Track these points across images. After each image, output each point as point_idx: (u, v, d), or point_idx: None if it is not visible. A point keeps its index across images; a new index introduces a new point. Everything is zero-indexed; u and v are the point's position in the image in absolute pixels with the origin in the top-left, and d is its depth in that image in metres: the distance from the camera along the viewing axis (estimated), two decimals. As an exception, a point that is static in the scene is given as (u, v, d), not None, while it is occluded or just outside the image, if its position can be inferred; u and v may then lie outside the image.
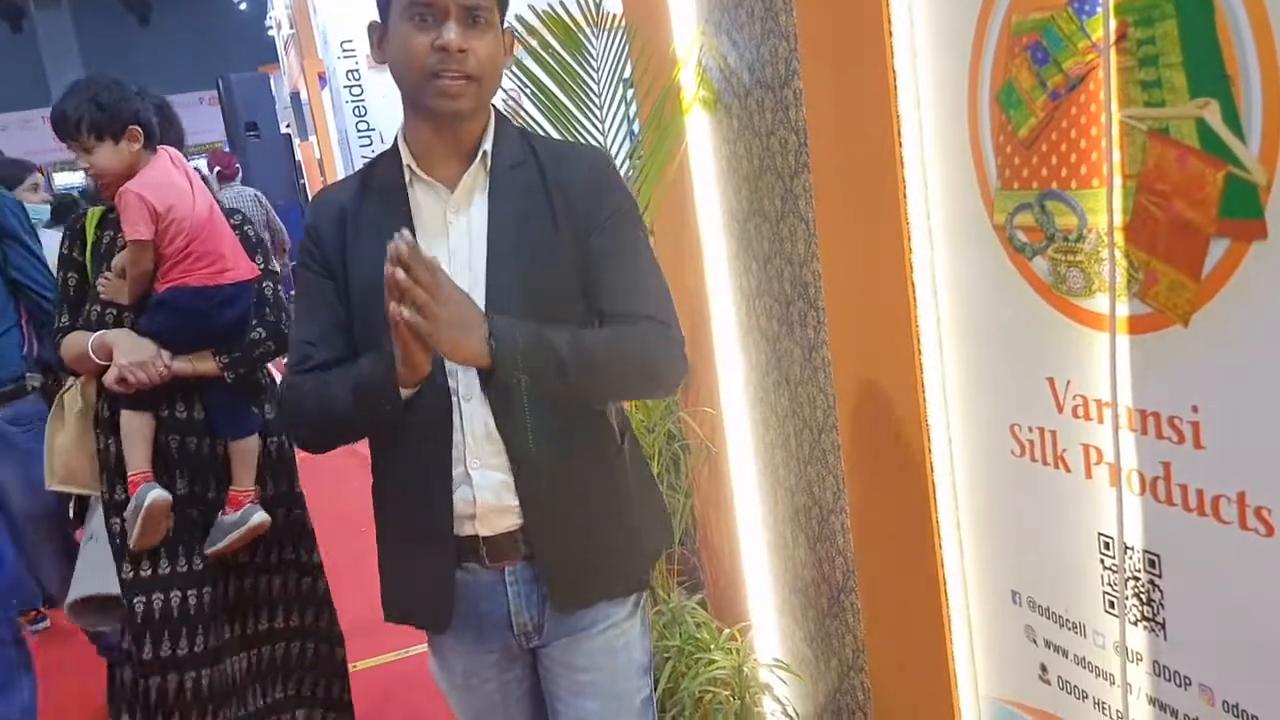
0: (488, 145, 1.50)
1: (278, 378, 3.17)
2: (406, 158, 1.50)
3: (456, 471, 1.49)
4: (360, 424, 1.51)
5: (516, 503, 1.49)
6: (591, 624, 1.59)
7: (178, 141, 2.50)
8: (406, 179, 1.50)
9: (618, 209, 1.53)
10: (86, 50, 22.31)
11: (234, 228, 2.47)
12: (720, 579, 2.66)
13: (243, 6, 18.59)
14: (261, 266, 2.49)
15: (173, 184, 2.34)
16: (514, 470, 1.48)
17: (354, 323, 1.51)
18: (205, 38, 21.57)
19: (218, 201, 2.63)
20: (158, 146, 2.41)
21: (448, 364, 1.46)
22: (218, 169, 8.18)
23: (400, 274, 1.28)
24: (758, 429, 2.34)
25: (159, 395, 2.38)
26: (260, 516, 2.45)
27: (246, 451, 2.47)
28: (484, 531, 1.50)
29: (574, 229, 1.49)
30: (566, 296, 1.50)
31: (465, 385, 1.48)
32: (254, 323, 2.45)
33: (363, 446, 1.58)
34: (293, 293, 1.68)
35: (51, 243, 3.50)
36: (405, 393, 1.43)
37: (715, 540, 2.62)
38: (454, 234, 1.49)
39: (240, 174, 8.55)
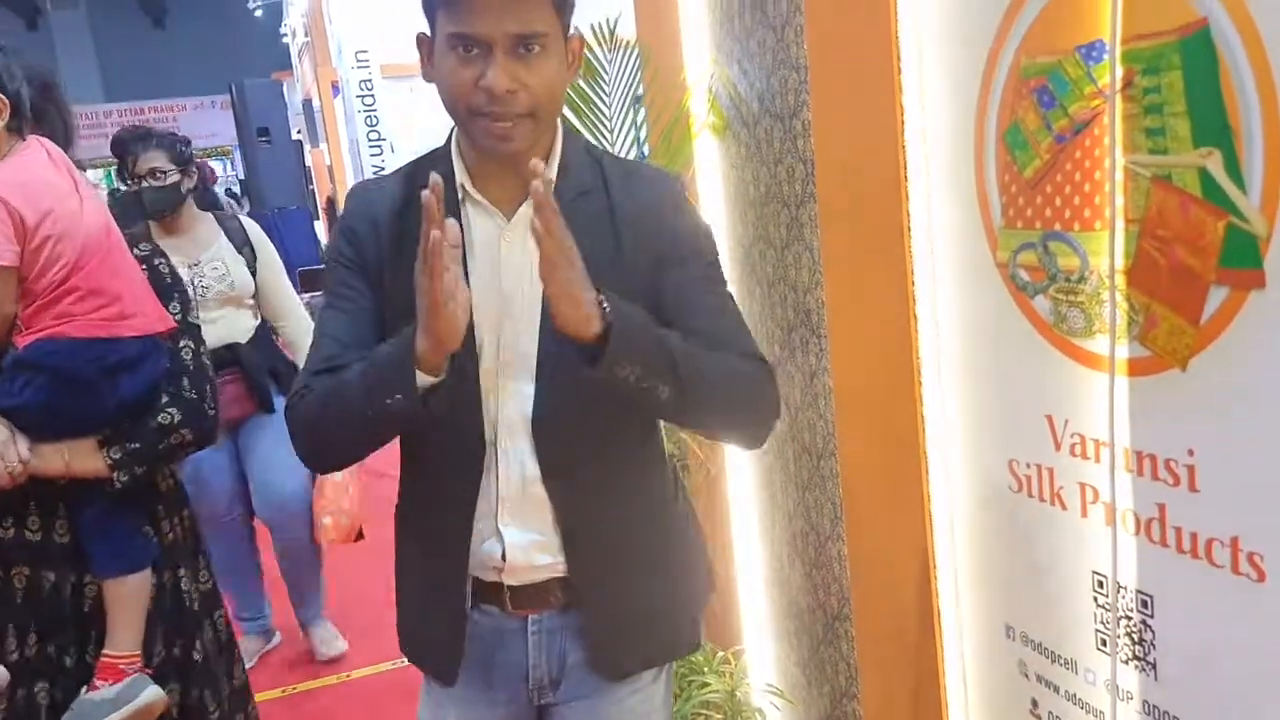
0: (552, 174, 1.32)
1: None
2: (460, 174, 1.32)
3: (483, 525, 1.36)
4: (368, 423, 1.26)
5: (549, 560, 1.37)
6: (616, 687, 1.44)
7: (65, 139, 1.78)
8: (459, 196, 1.32)
9: (695, 240, 1.37)
10: (101, 51, 22.46)
11: (140, 260, 1.75)
12: (715, 601, 2.67)
13: (258, 13, 18.68)
14: (178, 317, 1.77)
15: (49, 185, 1.62)
16: (560, 529, 1.35)
17: None
18: (220, 42, 21.70)
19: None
20: (30, 136, 1.68)
21: (485, 409, 1.31)
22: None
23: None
24: (756, 452, 2.35)
25: (2, 505, 1.63)
26: (151, 693, 1.68)
27: (131, 597, 1.70)
28: (511, 581, 1.39)
29: (645, 265, 1.32)
30: None
31: (506, 431, 1.32)
32: (163, 399, 1.72)
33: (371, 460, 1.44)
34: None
35: None
36: (423, 380, 1.20)
37: (712, 561, 2.62)
38: (507, 268, 1.31)
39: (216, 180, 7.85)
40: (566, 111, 2.30)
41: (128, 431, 1.68)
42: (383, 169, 8.82)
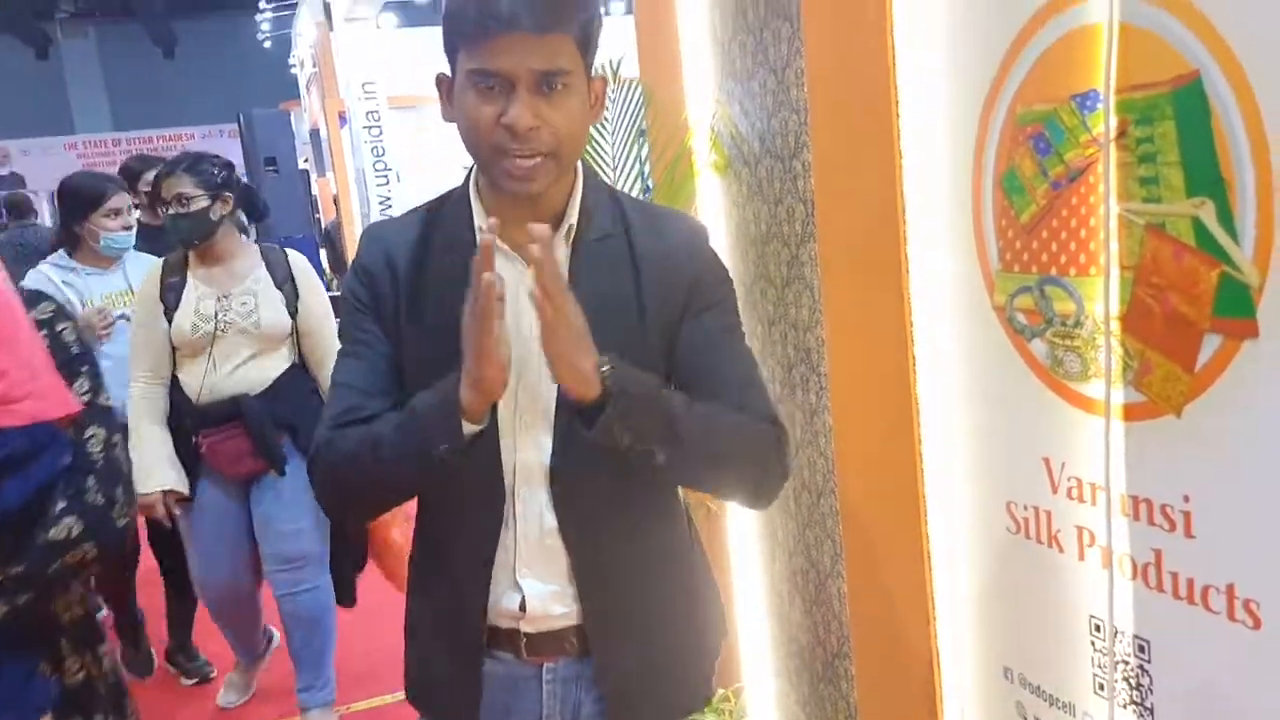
0: (573, 219, 1.30)
1: None
2: (479, 217, 1.30)
3: (501, 575, 1.34)
4: (405, 475, 1.27)
5: (567, 610, 1.35)
6: None
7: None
8: (478, 239, 1.24)
9: (716, 293, 1.35)
10: (111, 80, 22.63)
11: (38, 324, 1.35)
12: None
13: (267, 44, 18.84)
14: (87, 398, 1.36)
15: None
16: (576, 580, 1.33)
17: (409, 388, 1.29)
18: (229, 72, 21.85)
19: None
20: None
21: (504, 458, 1.29)
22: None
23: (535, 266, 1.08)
24: (758, 490, 2.35)
25: None
26: None
27: None
28: (528, 629, 1.36)
29: (664, 316, 1.30)
30: None
31: (524, 480, 1.30)
32: (59, 505, 1.28)
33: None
34: None
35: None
36: (469, 429, 1.19)
37: (724, 610, 2.62)
38: (527, 315, 1.24)
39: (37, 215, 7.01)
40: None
41: (9, 549, 1.26)
42: (388, 198, 8.87)
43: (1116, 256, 1.18)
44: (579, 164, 1.33)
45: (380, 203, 8.89)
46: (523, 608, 1.34)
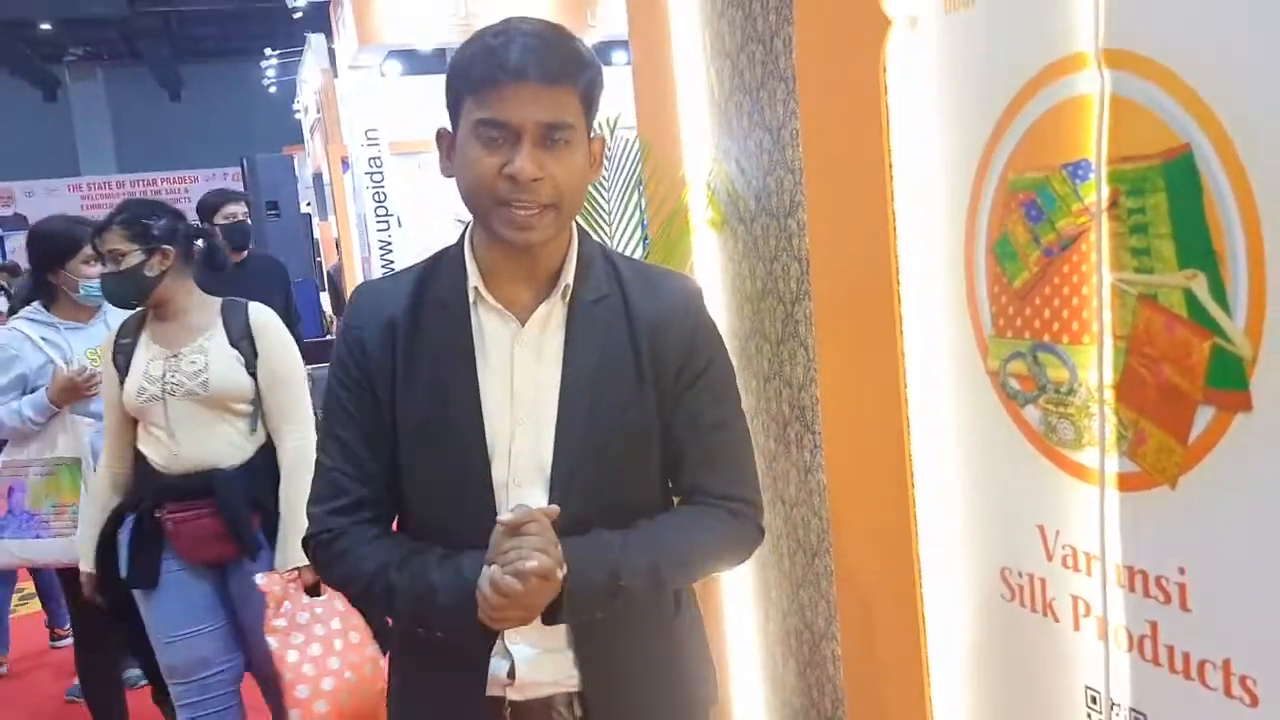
0: (569, 278, 1.31)
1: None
2: (474, 276, 1.30)
3: (491, 640, 1.33)
4: (412, 619, 1.34)
5: (556, 676, 1.35)
6: None
7: None
8: (471, 299, 1.30)
9: (712, 361, 1.37)
10: (118, 122, 22.84)
11: None
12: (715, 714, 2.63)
13: (272, 89, 19.04)
14: None
15: None
16: (575, 642, 1.34)
17: (400, 455, 1.32)
18: (234, 116, 22.06)
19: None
20: None
21: (507, 505, 1.29)
22: None
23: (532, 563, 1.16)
24: (753, 547, 2.34)
25: None
26: None
27: None
28: (514, 697, 1.35)
29: (661, 375, 1.32)
30: (642, 460, 1.35)
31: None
32: None
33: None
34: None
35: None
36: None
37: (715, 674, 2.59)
38: (519, 373, 1.29)
39: None
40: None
41: None
42: (389, 243, 8.90)
43: (1110, 325, 1.18)
44: (574, 225, 1.34)
45: (380, 247, 8.92)
46: (511, 674, 1.34)
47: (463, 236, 1.34)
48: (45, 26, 18.73)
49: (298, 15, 13.41)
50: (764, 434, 2.17)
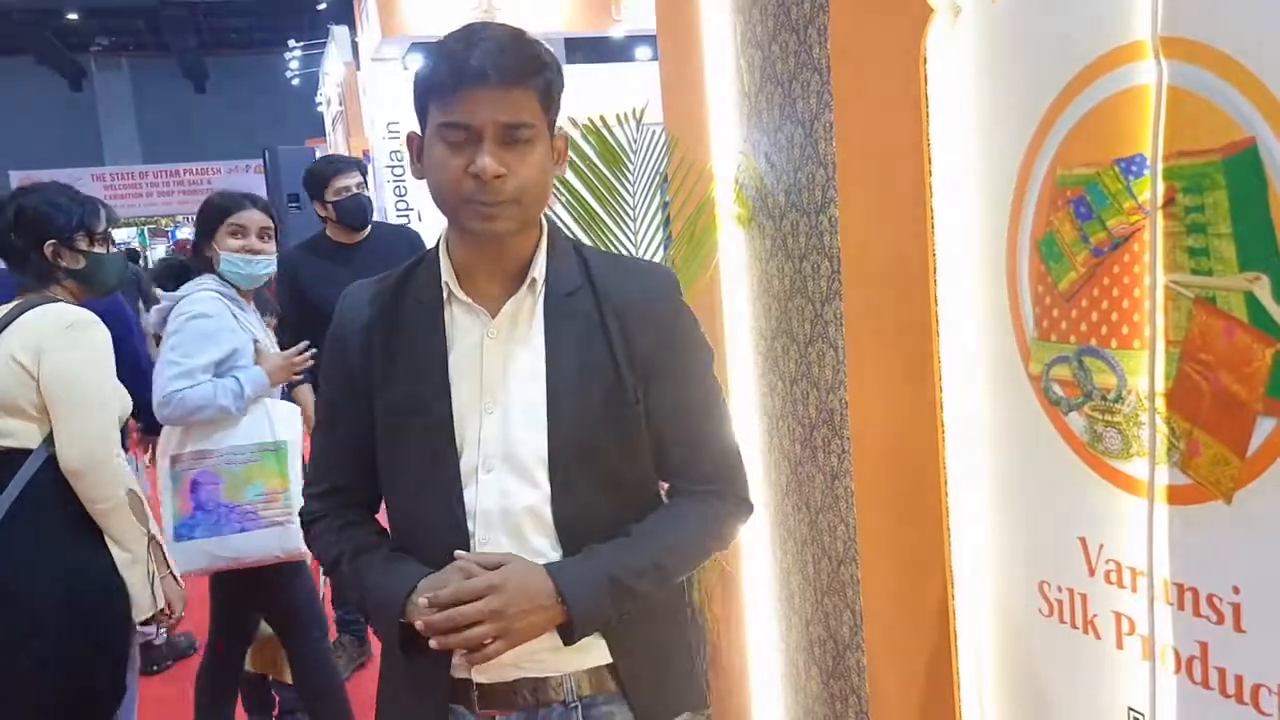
0: (538, 271, 1.38)
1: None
2: (446, 273, 1.38)
3: None
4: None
5: (520, 658, 1.36)
6: None
7: None
8: (444, 296, 1.38)
9: (686, 348, 1.42)
10: (142, 113, 23.00)
11: None
12: (729, 703, 2.58)
13: (295, 81, 19.09)
14: None
15: None
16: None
17: (378, 446, 1.41)
18: (257, 108, 22.17)
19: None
20: None
21: (466, 500, 1.35)
22: None
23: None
24: (775, 552, 2.28)
25: None
26: None
27: None
28: (480, 679, 1.39)
29: (636, 369, 1.37)
30: (631, 443, 1.39)
31: (484, 524, 1.35)
32: None
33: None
34: None
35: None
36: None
37: (725, 661, 2.54)
38: (488, 364, 1.37)
39: None
40: (591, 201, 2.29)
41: None
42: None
43: (1162, 330, 1.12)
44: (544, 220, 1.41)
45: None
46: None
47: (439, 239, 1.42)
48: (72, 16, 18.86)
49: (321, 7, 13.44)
50: (789, 437, 2.12)
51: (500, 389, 1.36)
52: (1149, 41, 1.10)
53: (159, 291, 2.84)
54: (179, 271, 3.13)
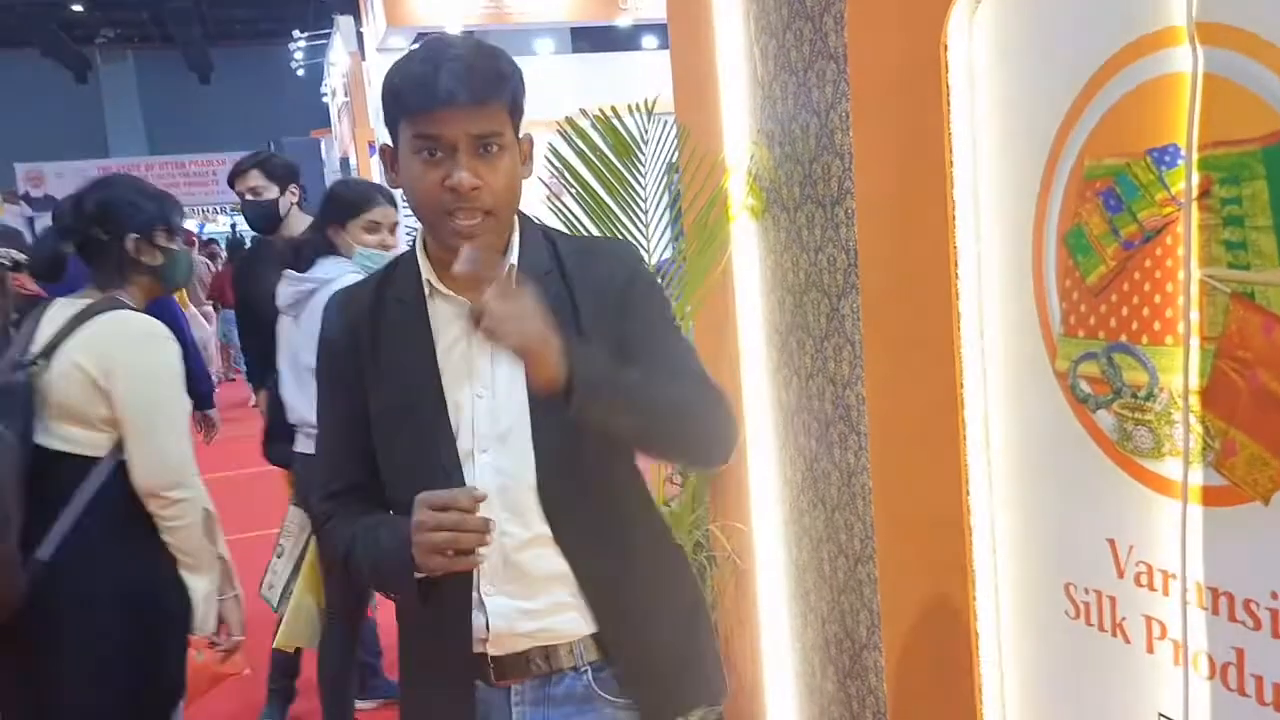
0: (513, 258, 1.41)
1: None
2: (426, 270, 1.42)
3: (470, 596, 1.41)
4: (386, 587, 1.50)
5: (533, 628, 1.41)
6: None
7: None
8: (426, 291, 1.42)
9: (648, 297, 1.46)
10: (147, 105, 22.99)
11: None
12: (742, 702, 2.55)
13: (300, 72, 19.06)
14: None
15: None
16: (584, 589, 1.40)
17: (376, 443, 1.44)
18: (262, 99, 22.14)
19: None
20: None
21: (466, 480, 1.37)
22: None
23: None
24: (789, 549, 2.25)
25: None
26: None
27: None
28: (494, 651, 1.42)
29: (606, 328, 1.40)
30: None
31: (483, 506, 1.33)
32: None
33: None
34: None
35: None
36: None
37: (739, 660, 2.51)
38: (476, 352, 1.40)
39: None
40: (601, 192, 2.26)
41: None
42: (414, 228, 8.85)
43: (1197, 326, 1.08)
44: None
45: (406, 232, 8.87)
46: (488, 628, 1.40)
47: (415, 239, 1.45)
48: (77, 8, 18.85)
49: (327, -3, 13.38)
50: (805, 433, 2.08)
51: (488, 373, 1.40)
52: (1185, 27, 1.06)
53: (288, 272, 2.87)
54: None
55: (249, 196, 3.45)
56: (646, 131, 2.25)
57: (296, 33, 17.82)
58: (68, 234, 2.07)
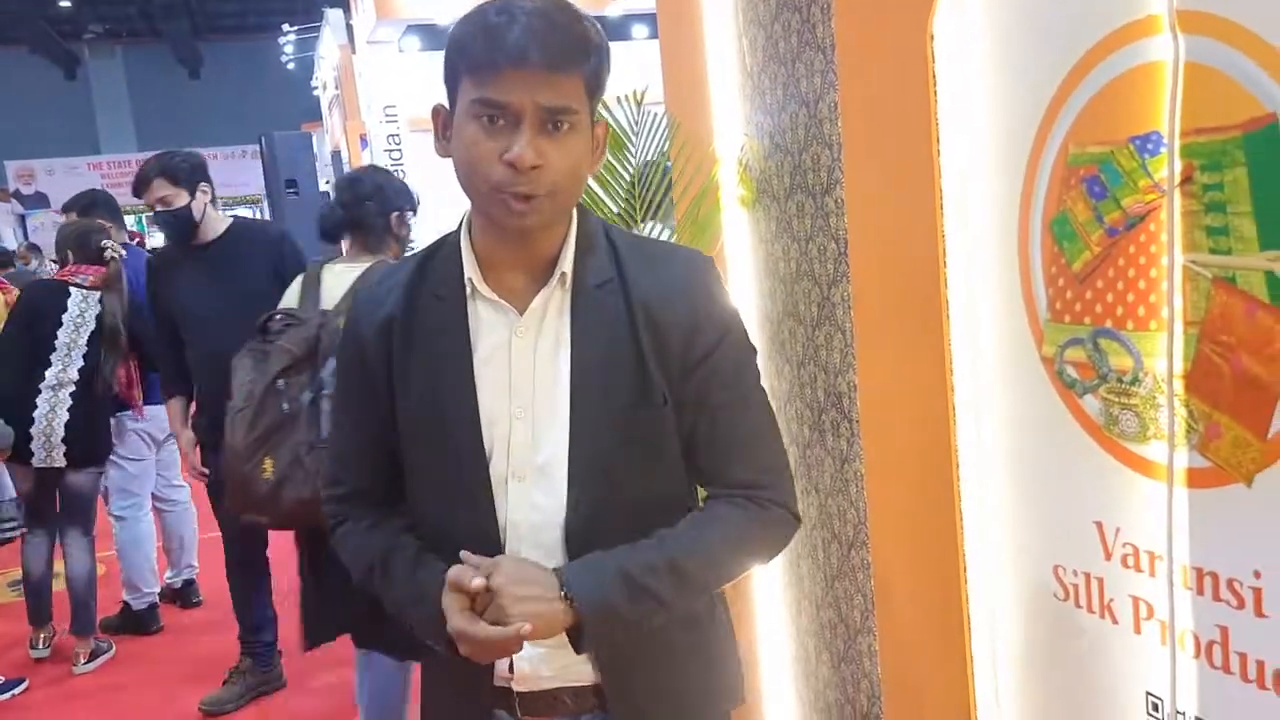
0: (567, 265, 1.25)
1: None
2: (470, 268, 1.26)
3: None
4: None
5: (558, 670, 1.32)
6: None
7: None
8: (468, 291, 1.27)
9: (721, 340, 1.27)
10: (136, 100, 22.89)
11: None
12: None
13: (290, 66, 18.98)
14: None
15: None
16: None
17: (402, 449, 1.32)
18: (252, 94, 22.07)
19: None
20: None
21: (497, 511, 1.27)
22: None
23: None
24: (784, 535, 2.27)
25: None
26: None
27: None
28: (520, 688, 1.34)
29: (666, 364, 1.25)
30: (658, 449, 1.28)
31: (514, 537, 1.27)
32: None
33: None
34: None
35: None
36: None
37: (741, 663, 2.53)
38: (516, 364, 1.26)
39: None
40: (593, 184, 2.26)
41: None
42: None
43: (1180, 311, 1.10)
44: (574, 206, 1.29)
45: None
46: (511, 669, 1.33)
47: (461, 224, 1.29)
48: (65, 4, 18.75)
49: (315, -10, 13.34)
50: (798, 421, 2.10)
51: (529, 391, 1.26)
52: (1165, 16, 1.07)
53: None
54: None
55: (159, 208, 3.25)
56: (637, 123, 2.26)
57: (286, 26, 17.76)
58: (347, 208, 2.58)
